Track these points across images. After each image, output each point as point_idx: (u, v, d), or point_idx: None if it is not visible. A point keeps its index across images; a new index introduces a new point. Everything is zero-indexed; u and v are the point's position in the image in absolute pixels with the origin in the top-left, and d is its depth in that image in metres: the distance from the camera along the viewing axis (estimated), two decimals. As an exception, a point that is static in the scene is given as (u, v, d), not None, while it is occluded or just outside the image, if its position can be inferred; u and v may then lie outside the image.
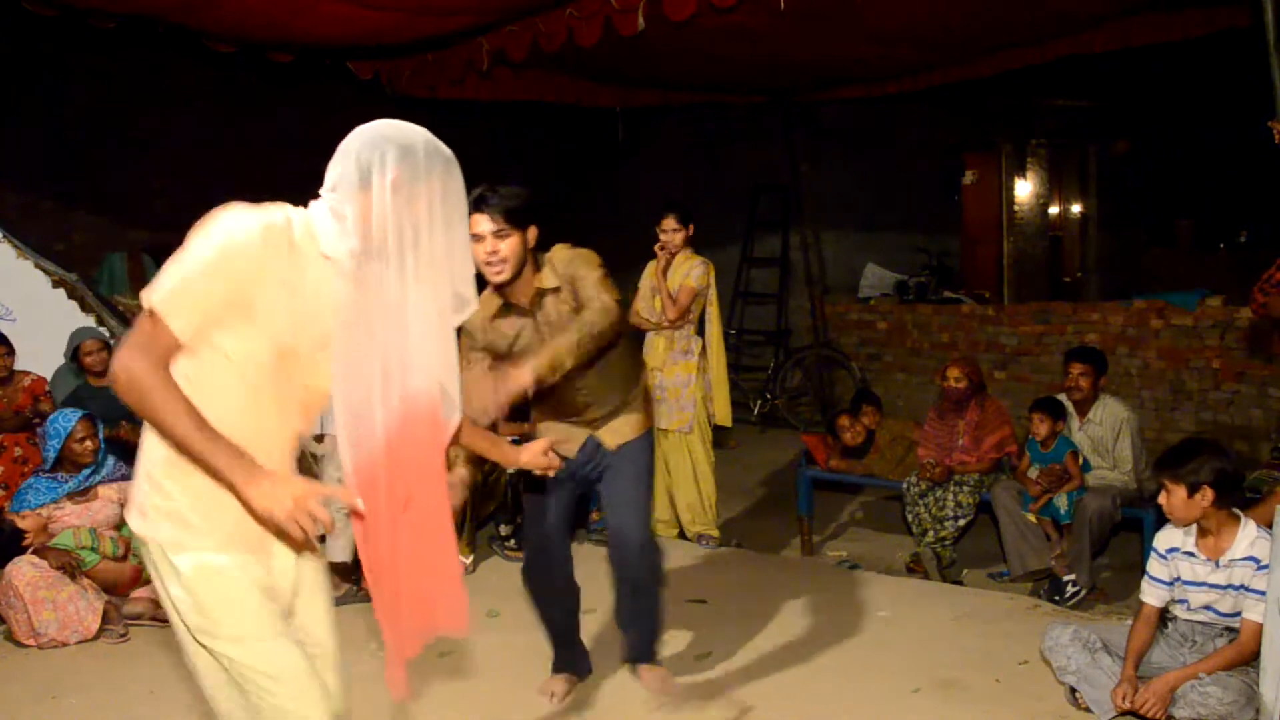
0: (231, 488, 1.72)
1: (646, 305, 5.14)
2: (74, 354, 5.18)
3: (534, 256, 2.90)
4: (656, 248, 5.08)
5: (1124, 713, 3.03)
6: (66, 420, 4.14)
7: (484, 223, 2.75)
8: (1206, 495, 2.95)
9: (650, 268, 5.16)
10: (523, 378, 2.57)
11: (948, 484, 4.81)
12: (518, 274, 2.85)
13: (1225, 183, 8.96)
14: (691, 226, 5.04)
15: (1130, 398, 6.35)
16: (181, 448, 1.74)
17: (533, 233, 2.84)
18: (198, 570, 1.84)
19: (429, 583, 1.96)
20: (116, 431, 4.94)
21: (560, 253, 2.96)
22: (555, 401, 3.08)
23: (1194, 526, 3.06)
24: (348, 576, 4.69)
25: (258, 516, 1.76)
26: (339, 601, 4.56)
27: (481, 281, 6.44)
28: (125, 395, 1.73)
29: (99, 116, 7.14)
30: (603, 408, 3.14)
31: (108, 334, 5.60)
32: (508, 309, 2.96)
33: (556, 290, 2.92)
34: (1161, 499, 3.06)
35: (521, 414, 5.07)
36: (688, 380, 5.00)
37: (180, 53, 6.14)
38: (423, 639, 1.99)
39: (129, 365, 1.72)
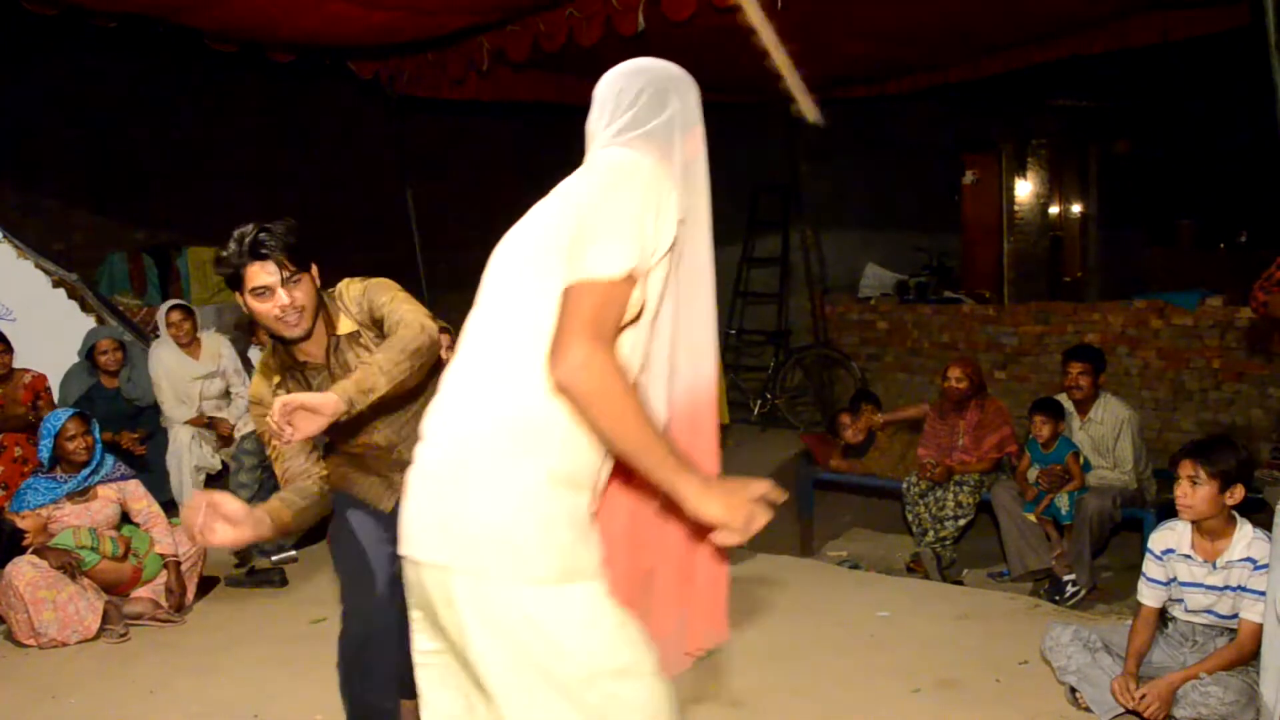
0: (675, 495, 1.48)
1: None
2: (89, 353, 5.19)
3: (322, 298, 2.39)
4: None
5: (1125, 710, 3.03)
6: (56, 419, 4.14)
7: (266, 272, 2.23)
8: (1236, 493, 2.94)
9: None
10: (328, 403, 2.05)
11: (948, 484, 4.81)
12: (313, 324, 2.35)
13: (1225, 183, 8.96)
14: None
15: (1130, 398, 6.35)
16: (633, 456, 1.45)
17: (315, 270, 2.34)
18: (593, 602, 1.52)
19: (711, 585, 1.79)
20: (116, 438, 4.95)
21: (351, 288, 2.44)
22: (365, 450, 2.51)
23: (1189, 528, 3.05)
24: (249, 558, 4.75)
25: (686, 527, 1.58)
26: (236, 583, 4.58)
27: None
28: (588, 398, 1.41)
29: (99, 116, 7.15)
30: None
31: (120, 329, 5.62)
32: (295, 369, 2.41)
33: (355, 335, 2.41)
34: (1182, 491, 2.97)
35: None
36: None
37: (180, 53, 6.15)
38: (703, 640, 1.79)
39: (598, 360, 1.39)
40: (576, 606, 1.51)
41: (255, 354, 5.68)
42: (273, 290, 2.25)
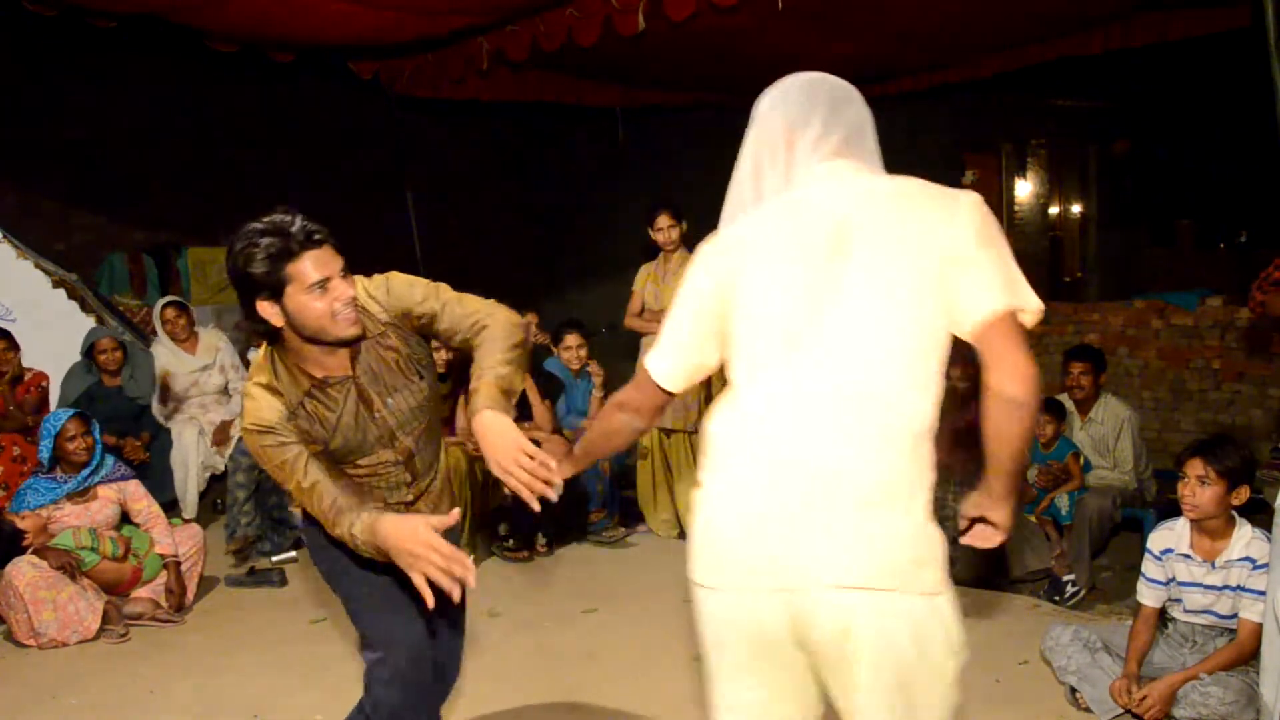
0: (1008, 498, 1.70)
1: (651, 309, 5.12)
2: (88, 351, 5.19)
3: None
4: (662, 256, 5.05)
5: (1124, 710, 3.03)
6: (57, 419, 4.15)
7: (327, 262, 1.99)
8: (1242, 494, 2.95)
9: (646, 271, 5.14)
10: (502, 418, 1.93)
11: (948, 484, 4.81)
12: None
13: (1225, 183, 8.96)
14: (684, 224, 5.01)
15: (1130, 398, 6.35)
16: (1019, 461, 1.65)
17: None
18: (955, 609, 1.64)
19: None
20: (120, 443, 4.95)
21: (361, 285, 2.16)
22: (372, 473, 2.23)
23: (1188, 527, 3.05)
24: (246, 558, 4.76)
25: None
26: (236, 583, 4.59)
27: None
28: (1032, 411, 1.59)
29: (99, 116, 7.15)
30: (426, 477, 2.35)
31: (120, 330, 5.61)
32: (316, 389, 2.13)
33: (380, 336, 2.17)
34: (1189, 490, 2.95)
35: (522, 412, 5.11)
36: (690, 380, 4.98)
37: (180, 53, 6.15)
38: None
39: (1039, 379, 1.57)
40: (951, 613, 1.61)
41: (255, 355, 5.63)
42: (331, 280, 1.99)
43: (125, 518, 4.30)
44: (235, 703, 3.42)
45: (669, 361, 1.78)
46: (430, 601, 1.87)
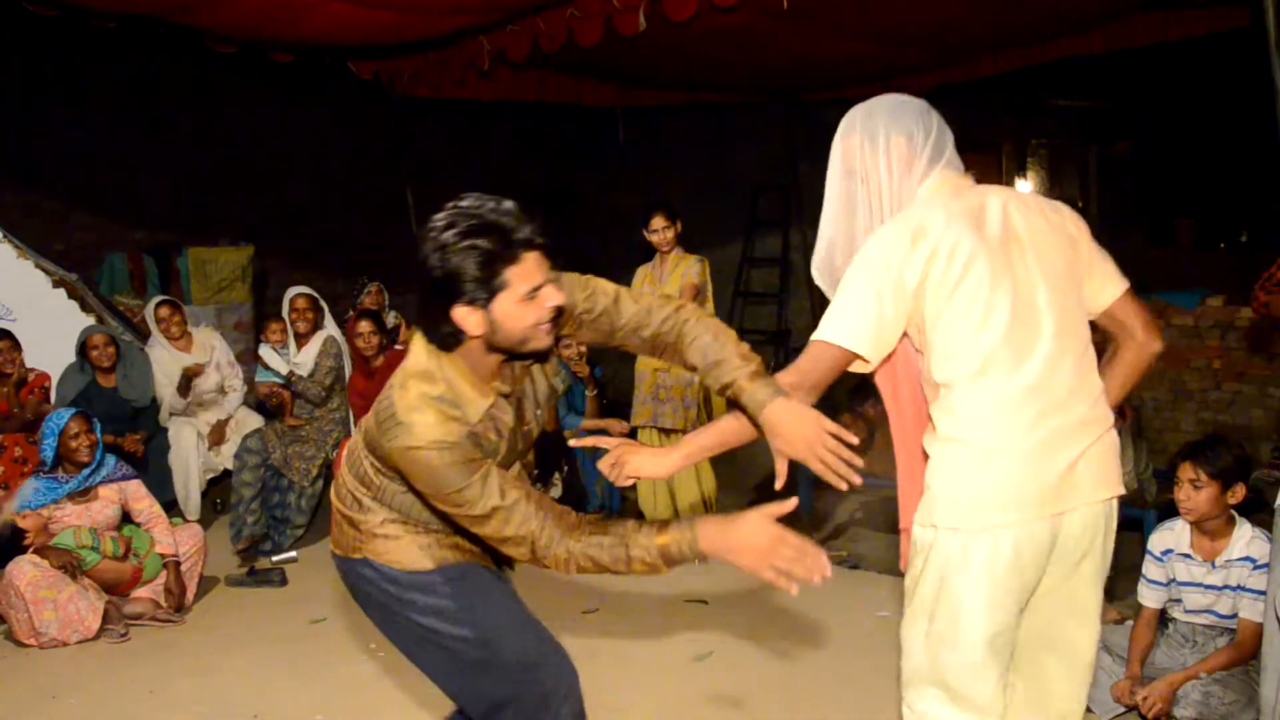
0: None
1: None
2: (80, 350, 5.18)
3: None
4: (658, 257, 5.04)
5: (1124, 710, 3.03)
6: (60, 418, 4.15)
7: (543, 263, 1.79)
8: (1238, 492, 2.95)
9: (643, 273, 5.13)
10: (800, 410, 1.82)
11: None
12: None
13: (1225, 183, 8.96)
14: (679, 224, 4.99)
15: (1130, 398, 6.35)
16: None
17: None
18: None
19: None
20: (119, 440, 4.95)
21: None
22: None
23: (1188, 528, 3.06)
24: (252, 558, 4.73)
25: None
26: (236, 583, 4.60)
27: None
28: (1161, 349, 2.05)
29: (99, 116, 7.15)
30: None
31: (120, 330, 5.60)
32: (496, 404, 1.91)
33: None
34: (1184, 494, 2.98)
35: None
36: (691, 379, 4.98)
37: (180, 53, 6.15)
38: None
39: None
40: None
41: (266, 351, 5.54)
42: (543, 290, 1.77)
43: (126, 517, 4.30)
44: (235, 703, 3.42)
45: (867, 332, 1.90)
46: (793, 591, 1.87)
